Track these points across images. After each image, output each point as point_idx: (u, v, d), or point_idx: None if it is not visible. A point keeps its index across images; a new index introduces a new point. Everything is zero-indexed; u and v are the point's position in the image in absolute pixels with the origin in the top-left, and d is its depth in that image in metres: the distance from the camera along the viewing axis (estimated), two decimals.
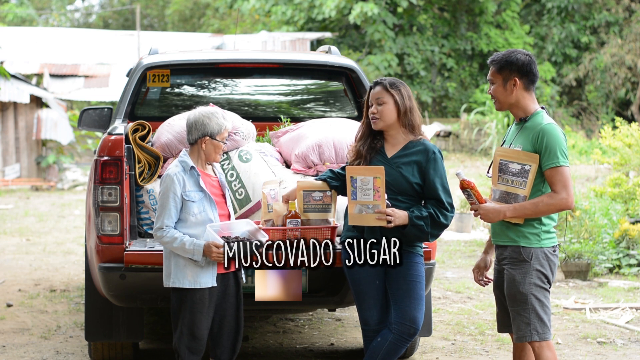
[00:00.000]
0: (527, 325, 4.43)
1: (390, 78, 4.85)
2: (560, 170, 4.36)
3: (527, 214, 4.40)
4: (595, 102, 30.06)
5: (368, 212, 4.67)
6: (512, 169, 4.45)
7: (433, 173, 4.74)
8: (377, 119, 4.78)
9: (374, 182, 4.63)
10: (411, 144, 4.80)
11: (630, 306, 7.93)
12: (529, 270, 4.42)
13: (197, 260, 4.68)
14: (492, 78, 4.54)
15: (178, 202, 4.73)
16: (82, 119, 6.78)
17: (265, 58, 6.77)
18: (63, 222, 14.80)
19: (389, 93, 4.77)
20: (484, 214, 4.47)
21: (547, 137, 4.37)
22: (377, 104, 4.79)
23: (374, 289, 4.80)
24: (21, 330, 7.13)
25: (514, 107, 4.53)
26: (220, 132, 4.79)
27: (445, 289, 8.89)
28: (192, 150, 4.85)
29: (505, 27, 31.25)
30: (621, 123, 12.25)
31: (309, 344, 6.79)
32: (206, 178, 4.85)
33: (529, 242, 4.44)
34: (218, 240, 4.63)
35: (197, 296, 4.75)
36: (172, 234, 4.70)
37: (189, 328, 4.77)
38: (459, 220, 12.66)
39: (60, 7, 45.05)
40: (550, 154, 4.36)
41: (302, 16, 30.14)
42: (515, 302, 4.46)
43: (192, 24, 41.44)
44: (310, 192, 5.20)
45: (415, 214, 4.69)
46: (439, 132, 27.40)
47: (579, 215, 10.24)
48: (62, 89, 26.33)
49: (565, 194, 4.35)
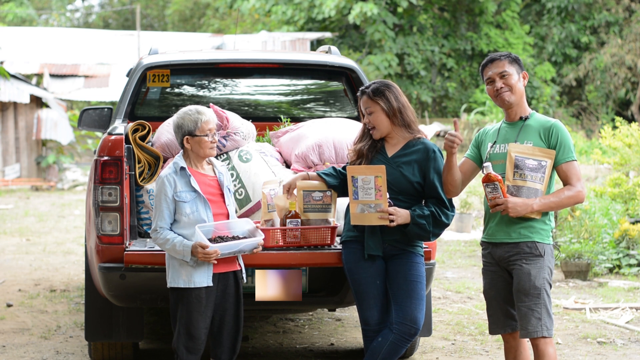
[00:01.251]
0: (539, 321, 4.46)
1: (375, 83, 4.82)
2: (575, 164, 4.52)
3: (551, 207, 4.50)
4: (595, 102, 30.07)
5: (370, 211, 4.67)
6: (530, 165, 4.51)
7: (433, 172, 4.75)
8: (373, 129, 4.80)
9: (376, 182, 4.64)
10: (411, 143, 4.81)
11: (630, 306, 7.93)
12: (543, 266, 4.50)
13: (187, 260, 4.70)
14: (508, 71, 4.57)
15: (170, 203, 4.74)
16: (82, 119, 6.78)
17: (265, 58, 6.76)
18: (63, 222, 14.80)
19: (374, 101, 4.78)
20: (512, 207, 4.47)
21: (560, 134, 4.51)
22: (367, 113, 4.81)
23: (374, 289, 4.80)
24: (21, 330, 7.13)
25: (519, 103, 4.58)
26: (197, 127, 4.77)
27: (445, 289, 8.89)
28: (183, 152, 4.87)
29: (505, 27, 31.24)
30: (621, 123, 12.24)
31: (309, 344, 6.79)
32: (202, 178, 4.84)
33: (542, 237, 4.53)
34: (204, 241, 4.64)
35: (192, 295, 4.76)
36: (164, 236, 4.72)
37: (186, 327, 4.78)
38: (459, 220, 12.66)
39: (60, 7, 45.05)
40: (565, 149, 4.50)
41: (302, 16, 30.14)
42: (529, 296, 4.48)
43: (192, 24, 41.45)
44: (310, 192, 5.21)
45: (417, 212, 4.69)
46: (439, 132, 27.38)
47: (579, 215, 10.24)
48: (62, 89, 26.33)
49: (580, 186, 4.50)
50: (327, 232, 5.19)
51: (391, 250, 4.80)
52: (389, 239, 4.78)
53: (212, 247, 4.63)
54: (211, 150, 4.83)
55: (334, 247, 5.20)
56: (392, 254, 4.80)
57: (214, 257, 4.66)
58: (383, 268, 4.82)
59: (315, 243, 5.18)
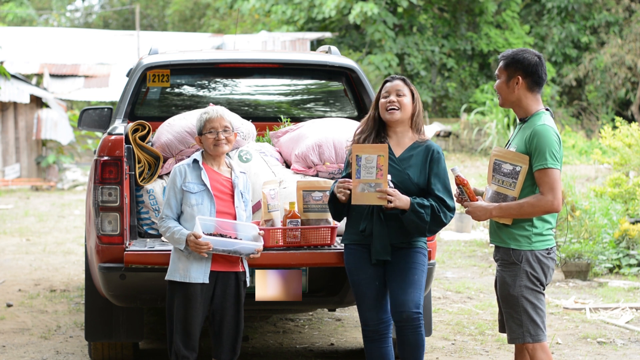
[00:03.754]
0: (519, 327, 4.43)
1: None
2: (548, 172, 4.33)
3: (512, 214, 4.39)
4: (595, 102, 30.06)
5: (370, 190, 4.67)
6: (505, 170, 4.45)
7: (435, 172, 4.79)
8: (396, 109, 4.81)
9: (378, 160, 4.65)
10: (416, 144, 4.85)
11: (630, 306, 7.93)
12: (519, 273, 4.41)
13: (182, 249, 4.77)
14: (498, 73, 4.55)
15: (177, 193, 4.86)
16: (82, 119, 6.78)
17: (265, 58, 6.76)
18: (63, 222, 14.80)
19: (408, 87, 4.88)
20: (472, 212, 4.50)
21: (537, 138, 4.35)
22: (396, 95, 4.82)
23: (373, 290, 4.82)
24: (21, 330, 7.13)
25: (515, 105, 4.53)
26: (202, 125, 4.93)
27: (445, 289, 8.89)
28: (203, 150, 5.02)
29: (505, 27, 31.25)
30: (621, 123, 12.24)
31: (309, 344, 6.79)
32: (214, 175, 4.92)
33: (519, 244, 4.42)
34: (199, 232, 4.70)
35: (188, 291, 4.80)
36: (167, 224, 4.83)
37: (181, 323, 4.83)
38: (459, 220, 12.66)
39: (60, 7, 45.05)
40: (539, 155, 4.34)
41: (302, 16, 30.14)
42: (507, 304, 4.46)
43: (192, 24, 41.43)
44: (310, 192, 5.21)
45: (417, 201, 4.70)
46: (439, 132, 27.40)
47: (579, 215, 10.24)
48: (62, 89, 26.32)
49: (551, 196, 4.32)
50: (327, 232, 5.19)
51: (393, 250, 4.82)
52: (395, 242, 4.79)
53: (205, 239, 4.70)
54: (216, 147, 4.90)
55: (334, 247, 5.21)
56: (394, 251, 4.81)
57: (205, 250, 4.71)
58: (382, 270, 4.82)
59: (315, 243, 5.19)
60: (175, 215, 4.86)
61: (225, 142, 4.92)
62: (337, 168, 5.73)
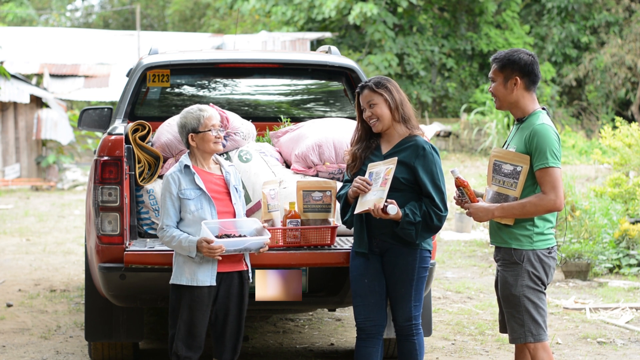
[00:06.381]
0: (521, 327, 4.44)
1: (375, 78, 4.85)
2: (549, 171, 4.34)
3: (514, 214, 4.39)
4: (595, 102, 30.05)
5: (371, 198, 4.69)
6: (505, 170, 4.45)
7: (422, 170, 4.73)
8: (375, 121, 4.79)
9: (386, 172, 4.66)
10: (404, 140, 4.81)
11: (630, 306, 7.93)
12: (521, 273, 4.41)
13: (193, 257, 4.73)
14: (493, 76, 4.52)
15: (175, 201, 4.80)
16: (82, 119, 6.78)
17: (265, 58, 6.77)
18: (63, 222, 14.80)
19: (377, 93, 4.79)
20: (474, 213, 4.49)
21: (537, 138, 4.36)
22: (368, 107, 4.80)
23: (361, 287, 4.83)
24: (21, 330, 7.13)
25: (513, 106, 4.52)
26: (200, 123, 4.84)
27: (445, 289, 8.89)
28: (190, 152, 4.93)
29: (505, 27, 31.23)
30: (621, 123, 12.24)
31: (309, 344, 6.79)
32: (207, 176, 4.88)
33: (521, 244, 4.43)
34: (210, 236, 4.67)
35: (195, 294, 4.78)
36: (170, 233, 4.77)
37: (187, 325, 4.80)
38: (459, 220, 12.65)
39: (60, 7, 45.03)
40: (540, 155, 4.35)
41: (302, 16, 30.12)
42: (509, 303, 4.46)
43: (193, 24, 41.43)
44: (310, 192, 5.22)
45: (408, 219, 4.68)
46: (439, 132, 27.39)
47: (579, 215, 10.24)
48: (62, 89, 26.31)
49: (553, 195, 4.33)
50: (327, 232, 5.19)
51: (384, 245, 4.79)
52: (378, 232, 4.77)
53: (217, 242, 4.67)
54: (216, 145, 4.88)
55: (334, 247, 5.21)
56: (386, 249, 4.80)
57: (219, 253, 4.68)
58: (375, 267, 4.81)
59: (315, 243, 5.19)
60: (175, 223, 4.82)
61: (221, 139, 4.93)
62: (337, 168, 5.73)
